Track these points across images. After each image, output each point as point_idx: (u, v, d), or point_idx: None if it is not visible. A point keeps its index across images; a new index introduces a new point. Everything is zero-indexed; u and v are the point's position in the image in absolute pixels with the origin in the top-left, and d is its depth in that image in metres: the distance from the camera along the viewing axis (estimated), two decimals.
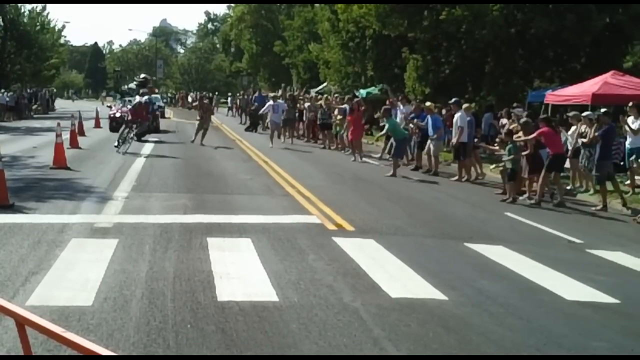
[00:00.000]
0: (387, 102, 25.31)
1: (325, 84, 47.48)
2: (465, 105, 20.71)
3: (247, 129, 38.22)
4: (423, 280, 8.44)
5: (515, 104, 22.78)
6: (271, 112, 29.63)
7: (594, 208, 15.71)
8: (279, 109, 29.69)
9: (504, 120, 20.07)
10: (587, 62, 27.97)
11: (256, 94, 43.03)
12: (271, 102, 30.59)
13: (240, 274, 8.25)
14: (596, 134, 16.06)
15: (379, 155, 24.46)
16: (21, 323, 3.21)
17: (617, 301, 8.12)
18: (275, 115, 29.42)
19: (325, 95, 36.63)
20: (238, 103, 51.42)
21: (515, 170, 16.21)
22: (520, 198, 16.27)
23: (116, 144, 23.27)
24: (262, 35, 71.20)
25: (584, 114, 17.60)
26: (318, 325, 6.63)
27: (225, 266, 8.55)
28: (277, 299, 7.37)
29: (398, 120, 22.84)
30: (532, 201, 15.96)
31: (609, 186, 16.06)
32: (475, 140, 19.97)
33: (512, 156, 16.16)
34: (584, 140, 16.79)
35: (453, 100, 21.15)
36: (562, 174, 17.14)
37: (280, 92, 40.21)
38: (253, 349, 6.03)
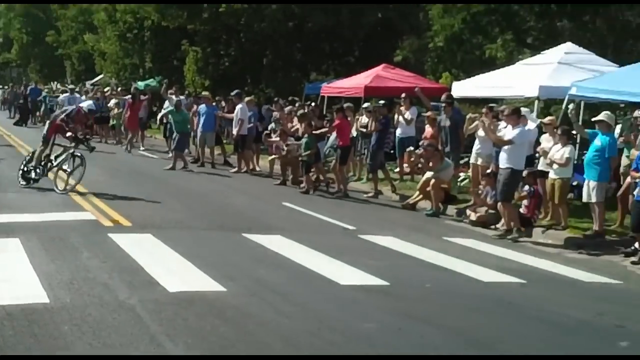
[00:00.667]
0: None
1: (101, 76, 46.12)
2: (247, 99, 20.86)
3: (16, 123, 36.19)
4: (202, 272, 8.39)
5: (291, 97, 23.27)
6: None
7: (365, 195, 16.41)
8: (75, 102, 25.87)
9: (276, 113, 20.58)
10: (361, 55, 29.21)
11: (31, 86, 41.18)
12: (67, 94, 28.13)
13: (7, 277, 7.78)
14: (376, 124, 16.74)
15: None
16: None
17: (388, 283, 8.50)
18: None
19: (98, 87, 35.49)
20: (6, 96, 48.62)
21: (310, 162, 16.56)
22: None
23: (33, 175, 14.56)
24: (34, 24, 67.66)
25: (364, 105, 18.33)
26: (92, 325, 6.39)
27: None
28: (48, 301, 7.02)
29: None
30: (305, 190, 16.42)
31: (380, 174, 16.84)
32: (265, 132, 20.12)
33: (309, 151, 16.44)
34: (365, 130, 17.40)
35: (234, 92, 21.20)
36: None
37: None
38: (22, 354, 5.72)
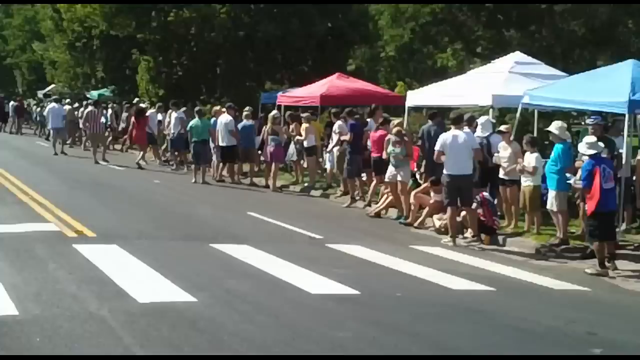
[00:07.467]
0: None
1: (53, 86, 45.48)
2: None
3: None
4: (171, 283, 8.32)
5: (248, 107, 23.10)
6: (52, 117, 26.58)
7: (344, 205, 16.14)
8: (59, 112, 26.91)
9: None
10: (314, 64, 29.23)
11: None
12: (53, 105, 27.59)
13: None
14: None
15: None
16: None
17: (358, 292, 8.51)
18: (55, 120, 26.45)
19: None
20: None
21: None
22: None
23: None
24: None
25: (333, 110, 18.14)
26: (64, 338, 6.32)
27: None
28: (17, 313, 6.91)
29: None
30: None
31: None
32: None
33: None
34: (346, 138, 16.49)
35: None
36: None
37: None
38: None
